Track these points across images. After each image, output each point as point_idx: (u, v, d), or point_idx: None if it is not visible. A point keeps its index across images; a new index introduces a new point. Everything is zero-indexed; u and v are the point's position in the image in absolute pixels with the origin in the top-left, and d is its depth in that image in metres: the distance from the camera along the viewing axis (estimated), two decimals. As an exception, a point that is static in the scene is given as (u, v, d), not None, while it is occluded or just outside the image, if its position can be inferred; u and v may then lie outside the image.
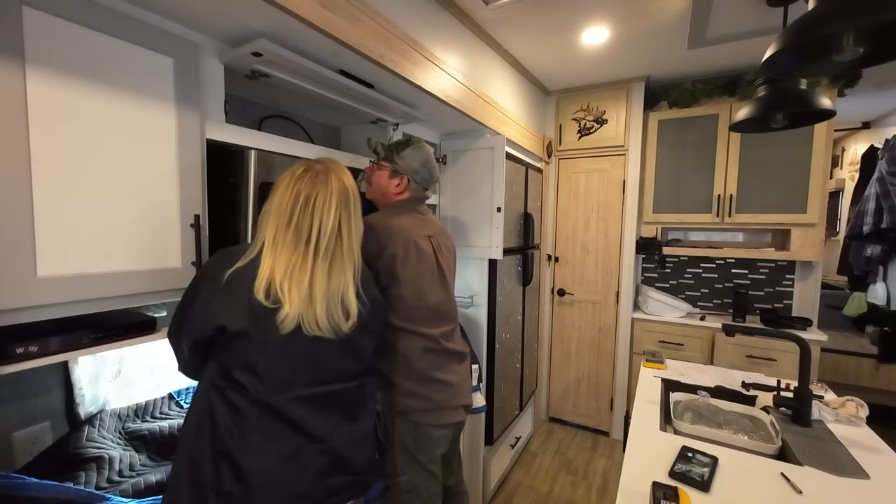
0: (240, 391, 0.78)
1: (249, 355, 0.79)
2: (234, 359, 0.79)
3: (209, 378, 0.82)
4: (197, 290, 0.83)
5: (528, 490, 2.26)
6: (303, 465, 0.81)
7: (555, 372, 3.00)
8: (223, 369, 0.80)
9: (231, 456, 0.76)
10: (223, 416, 0.78)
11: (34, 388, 1.04)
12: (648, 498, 0.92)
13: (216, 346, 0.81)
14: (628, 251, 2.69)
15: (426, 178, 1.29)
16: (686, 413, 1.45)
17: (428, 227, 1.30)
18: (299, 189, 0.84)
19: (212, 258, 0.86)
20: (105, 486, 0.95)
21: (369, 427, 0.95)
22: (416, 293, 1.19)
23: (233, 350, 0.79)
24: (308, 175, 0.86)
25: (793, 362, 2.18)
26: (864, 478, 1.02)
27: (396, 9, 1.32)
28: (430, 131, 2.01)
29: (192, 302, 0.82)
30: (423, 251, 1.22)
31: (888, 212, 2.69)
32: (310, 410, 0.83)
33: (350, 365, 0.91)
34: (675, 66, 2.38)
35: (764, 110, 1.42)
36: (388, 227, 1.19)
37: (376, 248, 1.16)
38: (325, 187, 0.86)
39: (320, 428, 0.84)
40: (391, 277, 1.17)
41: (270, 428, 0.79)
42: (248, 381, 0.78)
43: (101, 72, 0.82)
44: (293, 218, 0.83)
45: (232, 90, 1.13)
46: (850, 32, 0.90)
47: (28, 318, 0.75)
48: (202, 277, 0.84)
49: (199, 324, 0.80)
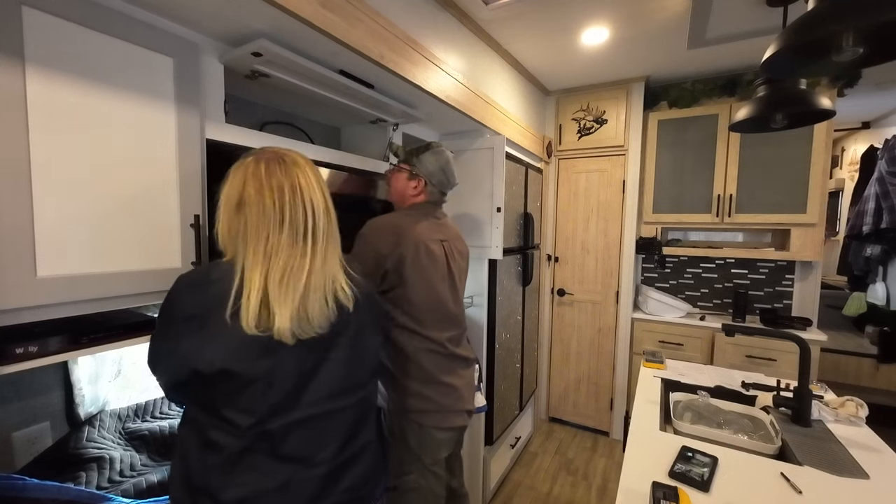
0: (225, 428, 0.72)
1: (236, 391, 0.71)
2: (219, 396, 0.72)
3: (191, 413, 0.76)
4: (166, 327, 0.75)
5: (528, 490, 2.26)
6: (293, 493, 0.75)
7: (555, 372, 3.00)
8: (207, 407, 0.73)
9: (209, 491, 0.71)
10: (205, 455, 0.72)
11: (34, 388, 1.03)
12: (648, 498, 0.92)
13: (194, 386, 0.74)
14: (628, 251, 2.69)
15: (442, 182, 1.30)
16: (686, 413, 1.45)
17: (442, 231, 1.30)
18: (279, 181, 0.74)
19: (174, 289, 0.75)
20: (106, 486, 0.95)
21: (371, 437, 0.90)
22: (425, 297, 1.19)
23: (215, 388, 0.71)
24: (272, 164, 0.76)
25: (793, 362, 2.18)
26: (864, 478, 1.02)
27: (396, 9, 1.32)
28: (429, 131, 2.01)
29: (163, 341, 0.76)
30: (434, 255, 1.22)
31: (888, 212, 2.69)
32: (304, 433, 0.77)
33: (353, 372, 0.84)
34: (675, 66, 2.38)
35: (764, 110, 1.42)
36: (401, 228, 1.19)
37: (387, 247, 1.16)
38: (297, 167, 0.77)
39: (313, 451, 0.78)
40: (399, 279, 1.17)
41: (258, 460, 0.73)
42: (238, 418, 0.71)
43: (100, 72, 0.82)
44: (285, 215, 0.73)
45: (232, 90, 1.13)
46: (849, 32, 0.90)
47: (28, 318, 0.75)
48: (170, 313, 0.74)
49: (174, 365, 0.74)
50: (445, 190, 1.33)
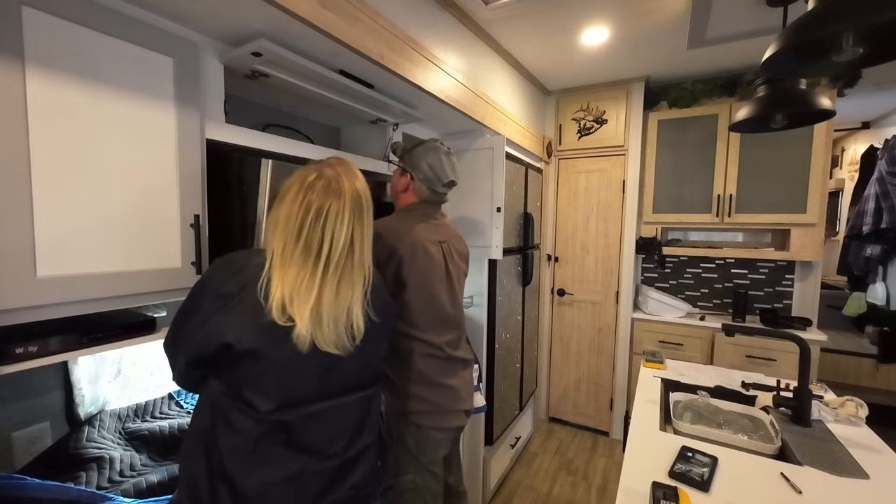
0: (245, 411, 0.74)
1: (260, 374, 0.74)
2: (242, 377, 0.74)
3: (211, 395, 0.77)
4: (197, 302, 0.77)
5: (527, 490, 2.26)
6: (305, 485, 0.78)
7: (555, 372, 3.00)
8: (230, 387, 0.75)
9: (229, 476, 0.73)
10: (224, 436, 0.74)
11: (34, 388, 1.03)
12: (648, 498, 0.92)
13: (220, 363, 0.76)
14: (628, 251, 2.69)
15: (430, 178, 1.24)
16: (686, 413, 1.45)
17: (440, 231, 1.28)
18: (310, 200, 0.77)
19: (212, 267, 0.80)
20: (106, 486, 0.95)
21: (373, 438, 0.92)
22: (423, 300, 1.19)
23: (240, 368, 0.74)
24: (320, 183, 0.79)
25: (792, 362, 2.18)
26: (864, 478, 1.02)
27: (396, 9, 1.32)
28: (430, 131, 2.01)
29: (192, 315, 0.76)
30: (432, 257, 1.21)
31: (888, 212, 2.69)
32: (318, 426, 0.80)
33: (362, 373, 0.87)
34: (675, 66, 2.38)
35: (764, 110, 1.42)
36: (396, 232, 1.18)
37: (384, 253, 1.15)
38: (339, 197, 0.79)
39: (326, 444, 0.81)
40: (398, 283, 1.16)
41: (274, 448, 0.75)
42: (257, 400, 0.74)
43: (100, 72, 0.82)
44: (302, 232, 0.76)
45: (232, 90, 1.13)
46: (849, 32, 0.90)
47: (28, 318, 0.75)
48: (203, 289, 0.77)
49: (199, 339, 0.75)
50: (436, 187, 1.25)
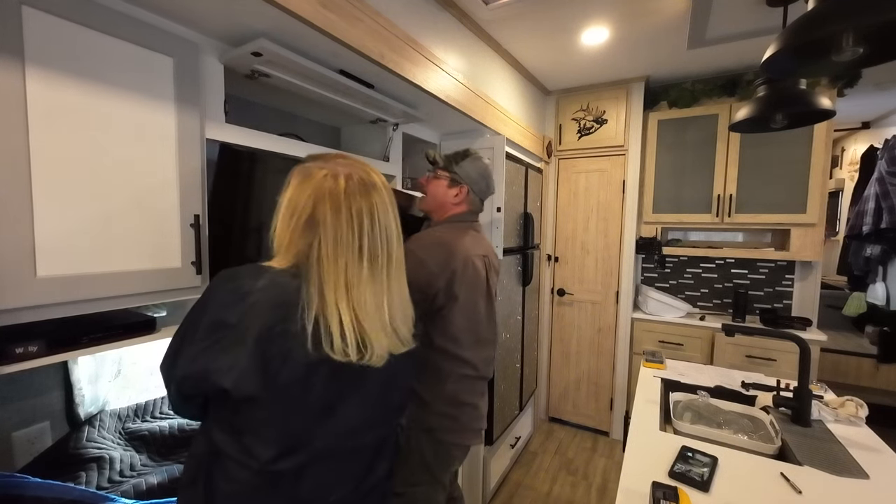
0: (243, 460, 0.66)
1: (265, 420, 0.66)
2: (244, 421, 0.66)
3: (210, 435, 0.69)
4: (195, 326, 0.65)
5: (527, 490, 2.26)
6: None
7: (554, 372, 3.00)
8: (231, 429, 0.67)
9: None
10: (220, 480, 0.68)
11: (34, 388, 1.03)
12: (648, 498, 0.92)
13: (221, 402, 0.67)
14: (628, 251, 2.69)
15: (483, 190, 1.25)
16: (686, 413, 1.45)
17: (482, 245, 1.26)
18: (358, 205, 0.68)
19: (214, 284, 0.68)
20: (106, 487, 0.95)
21: (385, 471, 0.85)
22: (468, 316, 1.16)
23: (241, 413, 0.65)
24: (351, 183, 0.70)
25: (792, 362, 2.18)
26: (864, 478, 1.02)
27: (396, 9, 1.32)
28: (429, 131, 2.01)
29: (188, 345, 0.66)
30: (478, 271, 1.19)
31: (888, 212, 2.69)
32: (320, 474, 0.72)
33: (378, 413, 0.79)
34: (675, 66, 2.38)
35: (764, 110, 1.42)
36: (451, 244, 1.15)
37: (438, 265, 1.11)
38: (376, 190, 0.72)
39: (328, 492, 0.74)
40: (449, 297, 1.12)
41: (269, 498, 0.69)
42: (258, 449, 0.66)
43: (100, 71, 0.82)
44: (364, 244, 0.68)
45: (232, 90, 1.13)
46: (849, 32, 0.90)
47: (28, 318, 0.75)
48: (203, 310, 0.66)
49: (195, 374, 0.64)
50: (485, 198, 1.28)
